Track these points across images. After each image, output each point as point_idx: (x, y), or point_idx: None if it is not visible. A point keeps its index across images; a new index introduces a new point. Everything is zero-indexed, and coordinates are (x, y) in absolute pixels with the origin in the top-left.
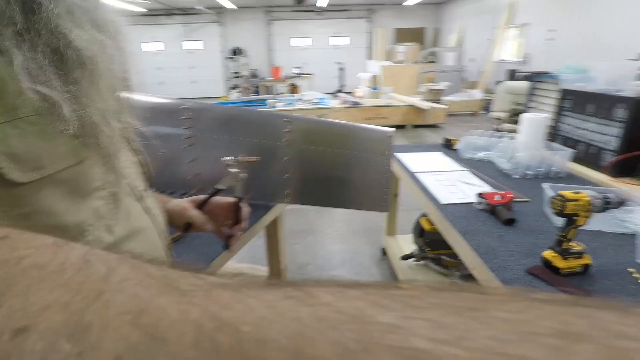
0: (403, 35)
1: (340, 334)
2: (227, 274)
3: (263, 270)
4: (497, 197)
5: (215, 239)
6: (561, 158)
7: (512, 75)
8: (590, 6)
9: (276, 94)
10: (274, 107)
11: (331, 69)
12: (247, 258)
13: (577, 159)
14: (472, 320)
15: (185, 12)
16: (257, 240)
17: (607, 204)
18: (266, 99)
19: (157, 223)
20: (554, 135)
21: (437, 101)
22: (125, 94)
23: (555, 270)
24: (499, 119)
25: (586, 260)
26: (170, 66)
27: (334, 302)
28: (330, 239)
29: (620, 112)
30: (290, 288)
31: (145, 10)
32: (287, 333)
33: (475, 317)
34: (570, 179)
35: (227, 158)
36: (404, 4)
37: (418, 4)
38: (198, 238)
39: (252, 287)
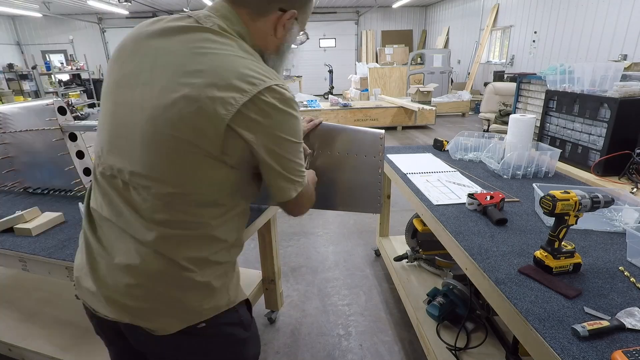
0: (390, 38)
1: None
2: None
3: (256, 273)
4: (488, 198)
5: None
6: (549, 158)
7: (499, 76)
8: (573, 8)
9: None
10: None
11: (320, 71)
12: (240, 261)
13: (564, 159)
14: None
15: (172, 14)
16: (251, 243)
17: (596, 203)
18: None
19: None
20: (542, 135)
21: (427, 102)
22: None
23: (547, 269)
24: (487, 119)
25: (577, 259)
26: None
27: None
28: (324, 240)
29: (605, 113)
30: None
31: (127, 12)
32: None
33: None
34: (559, 178)
35: None
36: (392, 6)
37: (404, 7)
38: None
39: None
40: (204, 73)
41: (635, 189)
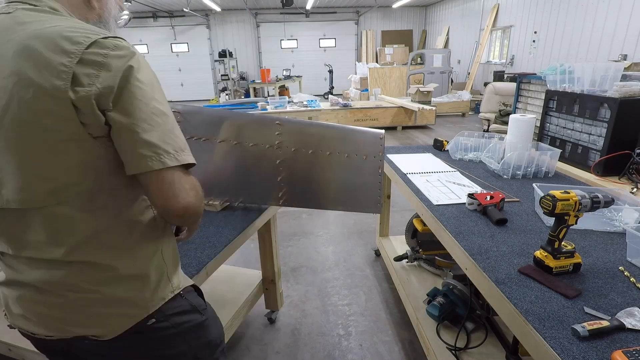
0: (390, 37)
1: None
2: None
3: (256, 273)
4: (488, 198)
5: (207, 245)
6: (549, 158)
7: (499, 76)
8: (573, 9)
9: (267, 96)
10: (265, 109)
11: (320, 71)
12: (240, 261)
13: (564, 159)
14: None
15: (172, 14)
16: (251, 244)
17: (596, 203)
18: (257, 102)
19: None
20: (542, 135)
21: (427, 102)
22: None
23: (547, 269)
24: (487, 119)
25: (577, 259)
26: (157, 69)
27: None
28: (324, 241)
29: (605, 113)
30: None
31: (129, 13)
32: None
33: None
34: (559, 178)
35: None
36: (392, 6)
37: (404, 7)
38: (191, 243)
39: None
40: (24, 53)
41: (635, 189)
